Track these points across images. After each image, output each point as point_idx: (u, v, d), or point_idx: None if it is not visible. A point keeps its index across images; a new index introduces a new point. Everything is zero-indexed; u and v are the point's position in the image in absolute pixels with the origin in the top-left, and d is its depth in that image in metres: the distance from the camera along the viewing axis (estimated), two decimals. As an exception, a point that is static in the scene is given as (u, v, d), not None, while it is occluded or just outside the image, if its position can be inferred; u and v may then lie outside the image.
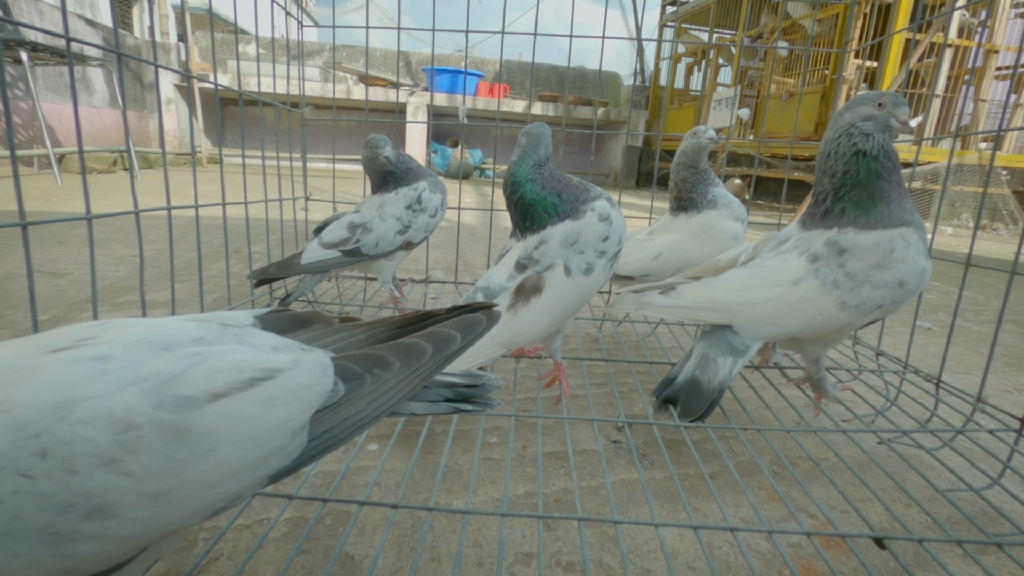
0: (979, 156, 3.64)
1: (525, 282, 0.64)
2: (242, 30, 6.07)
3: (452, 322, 0.39)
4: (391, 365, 0.36)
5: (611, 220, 0.66)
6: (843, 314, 0.60)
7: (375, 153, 0.95)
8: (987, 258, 2.45)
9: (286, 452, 0.32)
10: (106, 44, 4.10)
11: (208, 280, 1.24)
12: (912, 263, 0.59)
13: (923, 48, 3.41)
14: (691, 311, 0.64)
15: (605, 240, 0.65)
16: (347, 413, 0.34)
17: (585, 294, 0.66)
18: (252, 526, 0.50)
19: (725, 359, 0.63)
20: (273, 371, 0.32)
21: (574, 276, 0.64)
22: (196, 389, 0.29)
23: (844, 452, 0.67)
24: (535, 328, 0.63)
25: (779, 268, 0.64)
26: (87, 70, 3.86)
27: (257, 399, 0.30)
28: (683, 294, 0.65)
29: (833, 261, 0.61)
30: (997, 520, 0.55)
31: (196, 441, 0.28)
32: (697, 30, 5.72)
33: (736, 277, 0.65)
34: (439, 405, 0.41)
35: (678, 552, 0.50)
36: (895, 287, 0.59)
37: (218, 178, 0.84)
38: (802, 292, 0.61)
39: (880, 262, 0.59)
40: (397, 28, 1.09)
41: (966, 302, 1.58)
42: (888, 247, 0.59)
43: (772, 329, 0.62)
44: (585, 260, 0.64)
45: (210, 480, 0.29)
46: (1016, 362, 1.06)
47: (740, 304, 0.62)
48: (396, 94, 1.10)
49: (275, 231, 1.25)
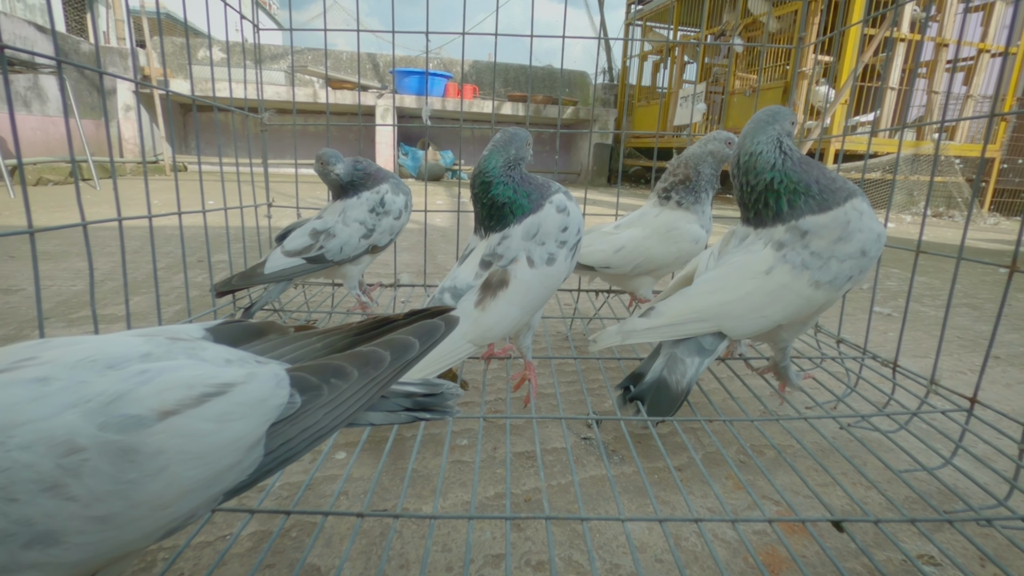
0: (934, 146, 3.76)
1: (491, 277, 0.64)
2: (203, 34, 5.94)
3: (410, 328, 0.39)
4: (349, 374, 0.35)
5: (568, 211, 0.67)
6: (819, 292, 0.62)
7: (326, 169, 0.94)
8: (943, 244, 2.54)
9: (242, 467, 0.31)
10: (60, 51, 3.96)
11: (170, 292, 1.21)
12: (868, 230, 0.62)
13: (877, 43, 3.52)
14: (676, 327, 0.63)
15: (564, 230, 0.67)
16: (304, 425, 0.34)
17: (551, 284, 0.67)
18: (214, 542, 0.48)
19: (693, 359, 0.63)
20: (225, 386, 0.31)
21: (538, 267, 0.65)
22: (144, 408, 0.28)
23: (807, 439, 0.68)
24: (505, 321, 0.64)
25: (748, 262, 0.64)
26: (39, 78, 3.73)
27: (209, 415, 0.30)
28: (663, 312, 0.64)
29: (798, 244, 0.62)
30: (950, 498, 0.57)
31: (145, 461, 0.27)
32: (662, 28, 5.80)
33: (708, 280, 0.65)
34: (398, 415, 0.41)
35: (647, 545, 0.50)
36: (859, 256, 0.62)
37: (183, 187, 0.82)
38: (777, 279, 0.62)
39: (840, 236, 0.61)
40: (356, 30, 1.08)
41: (924, 287, 1.63)
42: (844, 220, 0.62)
43: (759, 323, 0.63)
44: (547, 251, 0.65)
45: (162, 500, 0.28)
46: (970, 344, 1.10)
47: (722, 305, 0.62)
48: (358, 96, 1.08)
49: (238, 239, 1.22)
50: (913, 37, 3.67)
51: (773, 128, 0.66)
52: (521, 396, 0.78)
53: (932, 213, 3.92)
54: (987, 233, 3.29)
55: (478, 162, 0.68)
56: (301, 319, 1.05)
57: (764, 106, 2.23)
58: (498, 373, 0.86)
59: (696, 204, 0.92)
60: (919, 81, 4.09)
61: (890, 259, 2.03)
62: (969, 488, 0.59)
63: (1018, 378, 0.94)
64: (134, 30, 5.05)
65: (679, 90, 4.98)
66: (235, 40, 4.60)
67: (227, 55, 0.95)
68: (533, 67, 6.19)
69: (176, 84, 4.61)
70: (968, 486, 0.59)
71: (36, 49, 3.60)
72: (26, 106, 3.69)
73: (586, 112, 5.57)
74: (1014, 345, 1.11)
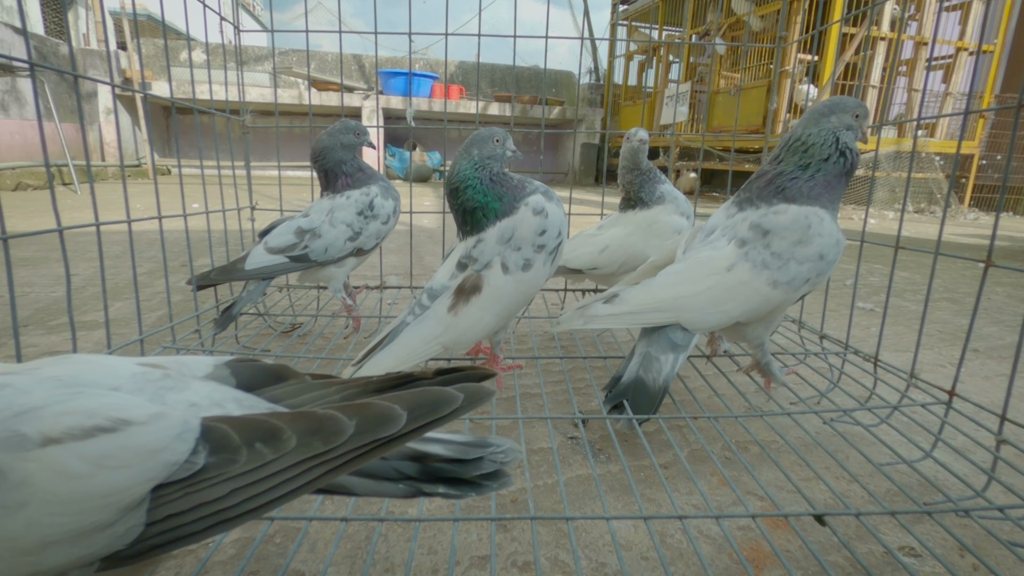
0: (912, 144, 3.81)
1: (465, 281, 0.65)
2: (185, 36, 5.87)
3: (411, 396, 0.29)
4: (284, 442, 0.27)
5: (546, 213, 0.66)
6: (776, 292, 0.63)
7: (360, 140, 0.94)
8: (925, 240, 2.58)
9: (114, 532, 0.25)
10: (37, 54, 3.89)
11: (152, 297, 1.20)
12: (828, 235, 0.63)
13: (858, 41, 3.56)
14: (637, 315, 0.64)
15: (542, 234, 0.66)
16: (204, 498, 0.26)
17: (527, 290, 0.66)
18: (196, 550, 0.48)
19: (667, 356, 0.64)
20: (121, 423, 0.26)
21: (512, 273, 0.65)
22: (36, 428, 0.25)
23: (790, 435, 0.69)
24: (477, 327, 0.64)
25: (711, 257, 0.66)
26: (17, 81, 3.66)
27: (88, 454, 0.25)
28: (626, 300, 0.65)
29: (759, 243, 0.64)
30: (930, 490, 0.58)
31: (8, 490, 0.24)
32: (647, 28, 5.83)
33: (672, 272, 0.67)
34: (395, 486, 0.31)
35: (632, 543, 0.50)
36: (817, 260, 0.63)
37: (164, 190, 0.81)
38: (737, 276, 0.63)
39: (800, 238, 0.63)
40: (339, 32, 1.07)
41: (905, 283, 1.65)
42: (805, 223, 0.63)
43: (717, 317, 0.64)
44: (522, 256, 0.65)
45: (20, 544, 0.24)
46: (951, 337, 1.12)
47: (682, 298, 0.63)
48: (341, 98, 1.08)
49: (222, 243, 1.21)
50: (892, 36, 3.72)
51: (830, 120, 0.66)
52: (507, 396, 0.78)
53: (914, 209, 3.98)
54: (967, 228, 3.35)
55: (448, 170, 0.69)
56: (286, 323, 1.05)
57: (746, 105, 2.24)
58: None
59: (661, 197, 0.94)
60: (900, 79, 4.15)
61: (873, 255, 2.06)
62: (948, 480, 0.60)
63: (997, 371, 0.95)
64: (116, 32, 4.98)
65: (665, 89, 5.01)
66: (217, 42, 4.56)
67: (207, 56, 0.94)
68: (520, 67, 6.20)
69: (159, 86, 4.56)
70: (947, 478, 0.60)
71: (13, 51, 3.54)
72: (3, 109, 3.63)
73: (573, 112, 5.58)
74: (993, 338, 1.13)
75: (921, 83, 3.90)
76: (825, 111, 0.66)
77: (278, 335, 1.00)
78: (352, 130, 0.95)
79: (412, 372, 0.32)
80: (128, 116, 4.66)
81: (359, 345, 0.95)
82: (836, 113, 0.65)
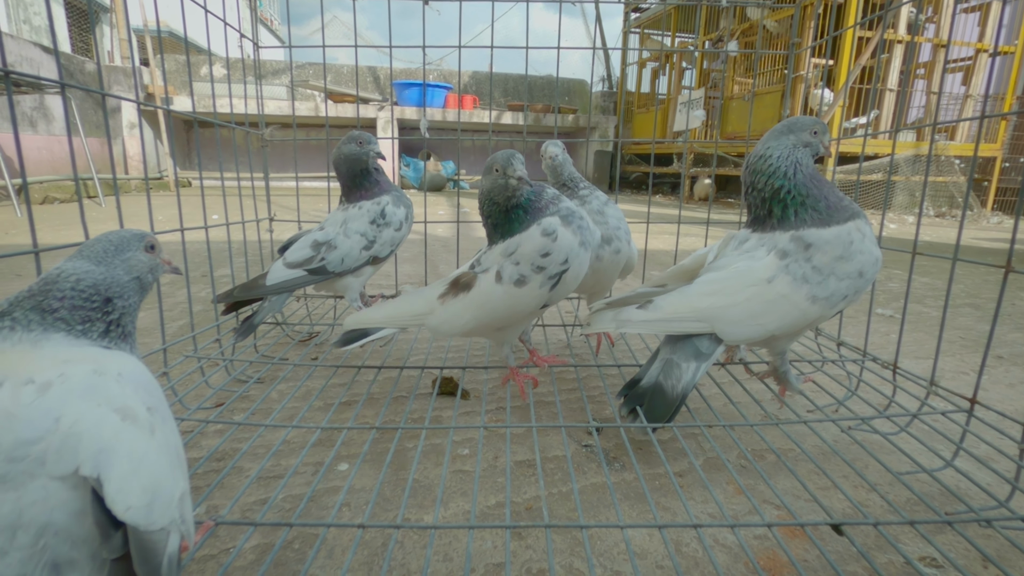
0: (934, 147, 3.76)
1: (461, 277, 0.67)
2: (206, 51, 6.01)
3: None
4: None
5: (556, 236, 0.65)
6: (814, 308, 0.62)
7: (365, 149, 0.95)
8: (946, 244, 2.53)
9: None
10: (65, 71, 4.01)
11: (174, 307, 1.22)
12: (868, 253, 0.62)
13: (874, 45, 3.53)
14: (671, 323, 0.63)
15: (545, 256, 0.64)
16: None
17: (514, 304, 0.66)
18: (217, 555, 0.49)
19: (689, 364, 0.63)
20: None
21: (504, 283, 0.65)
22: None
23: (807, 443, 0.68)
24: (455, 321, 0.67)
25: (750, 268, 0.64)
26: (45, 98, 3.78)
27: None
28: (661, 307, 0.64)
29: (801, 256, 0.62)
30: (951, 500, 0.57)
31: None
32: (659, 35, 5.83)
33: (709, 281, 0.65)
34: None
35: (647, 552, 0.50)
36: (856, 277, 0.62)
37: (185, 202, 0.83)
38: (777, 289, 0.62)
39: (842, 254, 0.62)
40: (355, 46, 1.10)
41: (927, 288, 1.63)
42: (847, 239, 0.62)
43: (753, 330, 0.63)
44: (519, 271, 0.65)
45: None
46: (972, 344, 1.10)
47: (719, 308, 0.62)
48: (356, 109, 1.10)
49: (241, 254, 1.24)
50: (908, 39, 3.68)
51: (788, 138, 0.66)
52: (521, 405, 0.78)
53: (935, 213, 3.91)
54: (990, 232, 3.28)
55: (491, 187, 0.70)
56: (304, 332, 1.06)
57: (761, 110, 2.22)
58: (498, 382, 0.87)
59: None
60: (918, 82, 4.10)
61: (892, 260, 2.03)
62: (970, 489, 0.59)
63: (1021, 377, 0.93)
64: (139, 48, 5.12)
65: (678, 96, 5.00)
66: (237, 57, 4.67)
67: (227, 71, 0.97)
68: (533, 76, 6.24)
69: (180, 101, 4.67)
70: (969, 487, 0.59)
71: (42, 69, 3.66)
72: (32, 126, 3.74)
73: (585, 120, 5.60)
74: (1017, 344, 1.11)
75: (940, 86, 3.84)
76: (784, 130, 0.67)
77: (296, 344, 1.01)
78: (356, 139, 0.96)
79: None
80: (151, 130, 4.77)
81: (376, 353, 0.97)
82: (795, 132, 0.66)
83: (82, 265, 0.41)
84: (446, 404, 0.78)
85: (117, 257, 0.42)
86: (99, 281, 0.41)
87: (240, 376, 0.84)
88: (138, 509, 0.29)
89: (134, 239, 0.44)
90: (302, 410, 0.73)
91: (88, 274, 0.40)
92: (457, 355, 0.97)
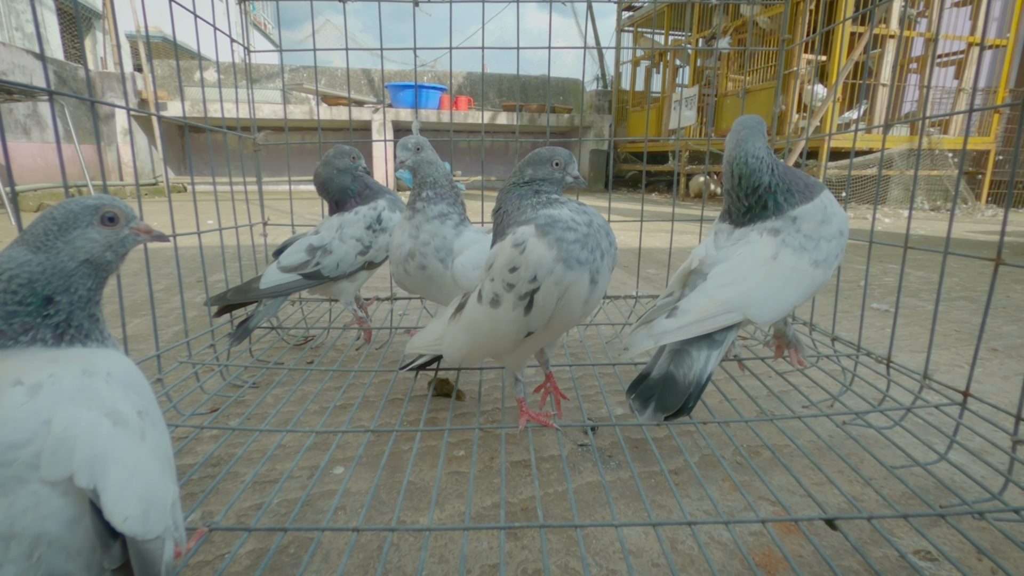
0: (928, 141, 3.77)
1: (464, 296, 0.65)
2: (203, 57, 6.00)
3: None
4: None
5: (524, 248, 0.54)
6: (819, 272, 0.65)
7: (355, 164, 0.95)
8: (940, 238, 2.54)
9: None
10: (57, 78, 4.01)
11: (168, 313, 1.22)
12: (840, 214, 0.68)
13: (866, 40, 3.54)
14: (705, 322, 0.62)
15: (512, 271, 0.54)
16: None
17: (493, 328, 0.57)
18: (212, 561, 0.49)
19: (701, 352, 0.62)
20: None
21: (483, 303, 0.58)
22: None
23: (802, 438, 0.68)
24: (453, 345, 0.63)
25: (752, 251, 0.66)
26: (38, 105, 3.77)
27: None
28: (689, 310, 0.63)
29: (791, 228, 0.67)
30: (946, 493, 0.57)
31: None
32: (652, 34, 5.85)
33: (721, 273, 0.66)
34: None
35: (642, 550, 0.50)
36: (838, 236, 0.67)
37: (180, 207, 0.83)
38: (784, 263, 0.65)
39: (822, 219, 0.67)
40: (345, 49, 1.10)
41: (921, 282, 1.63)
42: (823, 206, 0.68)
43: (780, 307, 0.64)
44: (493, 289, 0.56)
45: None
46: (967, 337, 1.10)
47: (743, 294, 0.63)
48: (349, 112, 1.10)
49: (235, 258, 1.24)
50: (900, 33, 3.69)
51: (762, 137, 0.70)
52: (515, 405, 0.78)
53: (930, 207, 3.92)
54: (985, 225, 3.29)
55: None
56: (299, 335, 1.06)
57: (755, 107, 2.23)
58: (494, 383, 0.87)
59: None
60: (911, 76, 4.11)
61: (887, 255, 2.03)
62: (964, 482, 0.59)
63: (1016, 370, 0.94)
64: (132, 54, 5.11)
65: (672, 94, 5.01)
66: (229, 62, 4.67)
67: (218, 76, 0.96)
68: (528, 76, 6.24)
69: (173, 106, 4.66)
70: (963, 480, 0.59)
71: (35, 77, 3.65)
72: (25, 133, 3.73)
73: (580, 119, 5.60)
74: (1011, 337, 1.11)
75: (932, 80, 3.86)
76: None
77: (291, 348, 1.01)
78: (347, 154, 0.97)
79: None
80: (144, 136, 4.77)
81: (371, 356, 0.97)
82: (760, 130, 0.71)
83: (18, 255, 0.34)
84: (441, 406, 0.78)
85: (61, 239, 0.35)
86: (34, 276, 0.34)
87: (235, 381, 0.84)
88: (135, 519, 0.29)
89: (84, 212, 0.36)
90: (297, 414, 0.73)
91: (23, 268, 0.34)
92: (453, 356, 0.97)
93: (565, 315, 0.56)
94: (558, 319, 0.56)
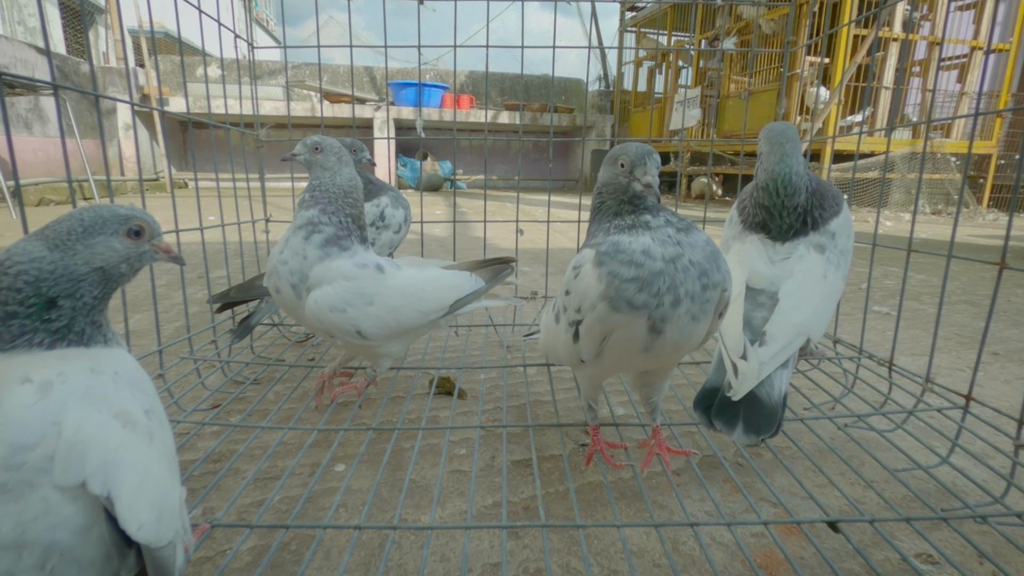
0: (930, 144, 3.77)
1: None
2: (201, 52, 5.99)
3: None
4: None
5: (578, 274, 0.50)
6: (842, 285, 0.66)
7: (358, 156, 0.95)
8: (942, 242, 2.54)
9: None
10: (60, 72, 4.00)
11: (170, 309, 1.22)
12: (850, 222, 0.69)
13: (870, 43, 3.54)
14: (788, 348, 0.59)
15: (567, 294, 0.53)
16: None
17: (556, 341, 0.57)
18: (213, 557, 0.49)
19: (777, 371, 0.58)
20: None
21: (552, 311, 0.60)
22: None
23: (804, 441, 0.68)
24: (542, 335, 0.68)
25: (810, 270, 0.65)
26: (40, 100, 3.77)
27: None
28: (775, 336, 0.60)
29: (831, 244, 0.67)
30: (947, 496, 0.57)
31: None
32: (656, 34, 5.84)
33: (791, 294, 0.63)
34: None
35: (644, 551, 0.50)
36: (852, 247, 0.69)
37: (183, 203, 0.83)
38: (831, 282, 0.65)
39: (850, 232, 0.69)
40: (349, 46, 1.09)
41: (923, 285, 1.63)
42: (848, 218, 0.69)
43: (825, 325, 0.65)
44: (557, 302, 0.58)
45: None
46: (969, 340, 1.10)
47: (810, 318, 0.62)
48: (352, 109, 1.10)
49: (237, 255, 1.24)
50: (903, 36, 3.69)
51: (800, 149, 0.67)
52: (518, 404, 0.78)
53: (932, 211, 3.92)
54: (987, 229, 3.29)
55: None
56: (300, 333, 1.06)
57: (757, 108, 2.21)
58: (495, 382, 0.87)
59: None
60: (914, 80, 4.11)
61: (889, 258, 2.03)
62: (966, 486, 0.59)
63: (1017, 374, 0.94)
64: (134, 49, 5.10)
65: (675, 95, 5.01)
66: (232, 57, 4.65)
67: (222, 72, 0.96)
68: (530, 76, 6.23)
69: (176, 102, 4.65)
70: (965, 484, 0.59)
71: (37, 71, 3.64)
72: (27, 127, 3.73)
73: (582, 119, 5.60)
74: (1013, 341, 1.11)
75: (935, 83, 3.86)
76: None
77: (293, 345, 1.01)
78: (348, 147, 0.96)
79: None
80: (146, 131, 4.76)
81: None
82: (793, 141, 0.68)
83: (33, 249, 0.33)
84: (443, 404, 0.78)
85: (81, 241, 0.34)
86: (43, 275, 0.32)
87: (237, 377, 0.84)
88: (149, 526, 0.28)
89: (113, 220, 0.35)
90: (299, 411, 0.73)
91: (33, 264, 0.32)
92: (454, 355, 0.97)
93: (618, 356, 0.49)
94: (610, 359, 0.50)
